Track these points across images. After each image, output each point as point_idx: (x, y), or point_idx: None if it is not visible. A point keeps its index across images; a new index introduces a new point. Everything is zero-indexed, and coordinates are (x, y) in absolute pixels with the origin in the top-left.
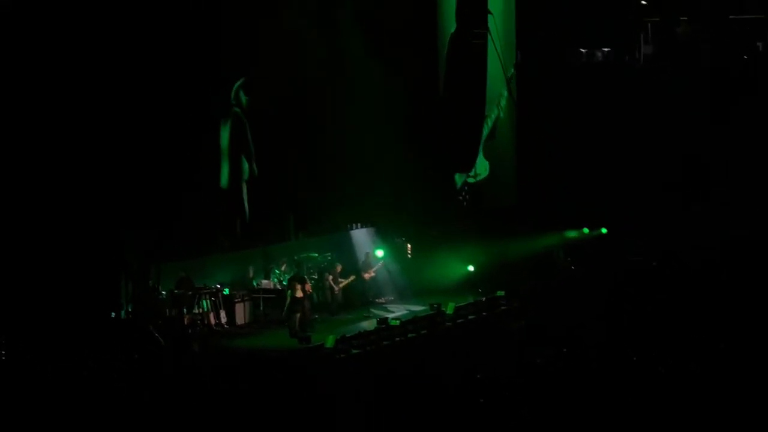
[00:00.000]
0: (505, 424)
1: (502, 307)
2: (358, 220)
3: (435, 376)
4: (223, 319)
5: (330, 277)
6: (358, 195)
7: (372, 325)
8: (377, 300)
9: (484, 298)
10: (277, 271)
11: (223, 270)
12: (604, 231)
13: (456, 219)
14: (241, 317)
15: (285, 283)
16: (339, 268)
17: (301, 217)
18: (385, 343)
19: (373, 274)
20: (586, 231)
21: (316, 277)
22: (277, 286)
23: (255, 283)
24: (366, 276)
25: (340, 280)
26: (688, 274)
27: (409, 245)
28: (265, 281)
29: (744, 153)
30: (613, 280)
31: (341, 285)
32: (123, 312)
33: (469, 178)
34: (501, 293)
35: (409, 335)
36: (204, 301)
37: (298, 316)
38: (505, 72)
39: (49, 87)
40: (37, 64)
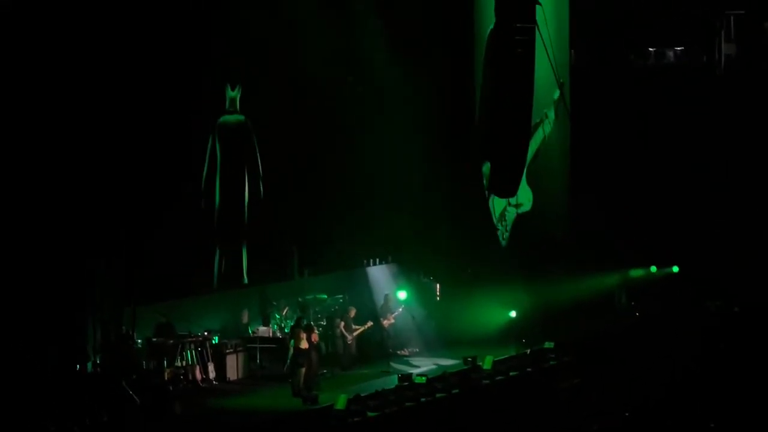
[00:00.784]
0: None
1: (551, 362)
2: (376, 254)
3: None
4: (212, 374)
5: (342, 323)
6: (376, 225)
7: (392, 382)
8: (399, 352)
9: (528, 351)
10: (277, 315)
11: (212, 314)
12: (676, 270)
13: (494, 255)
14: (233, 372)
15: (287, 330)
16: (352, 312)
17: (307, 251)
18: (408, 404)
19: (393, 320)
20: (654, 269)
21: (324, 323)
22: (278, 334)
23: (251, 331)
24: (385, 323)
25: (354, 328)
26: None
27: (437, 285)
28: (262, 328)
29: None
30: (687, 330)
31: (355, 333)
32: (90, 364)
33: (509, 208)
34: (549, 345)
35: (438, 395)
36: (188, 351)
37: (303, 370)
38: (557, 75)
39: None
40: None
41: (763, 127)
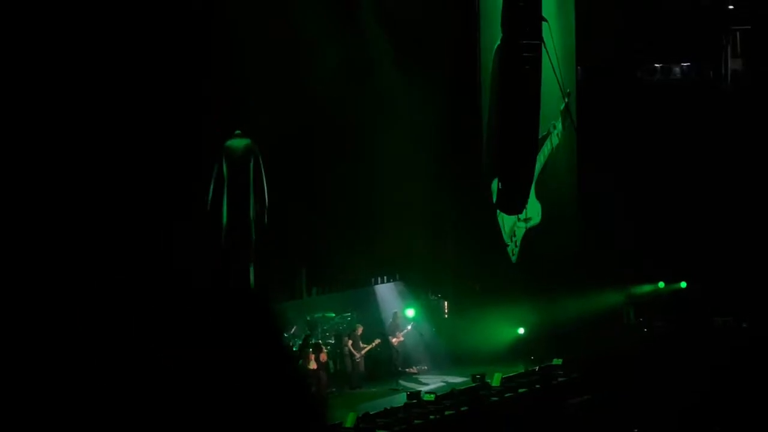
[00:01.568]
0: None
1: (560, 379)
2: (383, 272)
3: None
4: None
5: (350, 341)
6: (383, 243)
7: (401, 400)
8: (407, 370)
9: (537, 368)
10: (285, 335)
11: None
12: (684, 285)
13: (503, 271)
14: None
15: (295, 349)
16: (360, 330)
17: (315, 270)
18: (417, 422)
19: (401, 338)
20: (662, 285)
21: (332, 342)
22: None
23: None
24: (394, 340)
25: (362, 346)
26: None
27: (446, 303)
28: None
29: None
30: (696, 346)
31: (363, 351)
32: None
33: (519, 223)
34: (558, 361)
35: (447, 412)
36: None
37: (312, 390)
38: (563, 91)
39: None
40: None
41: None
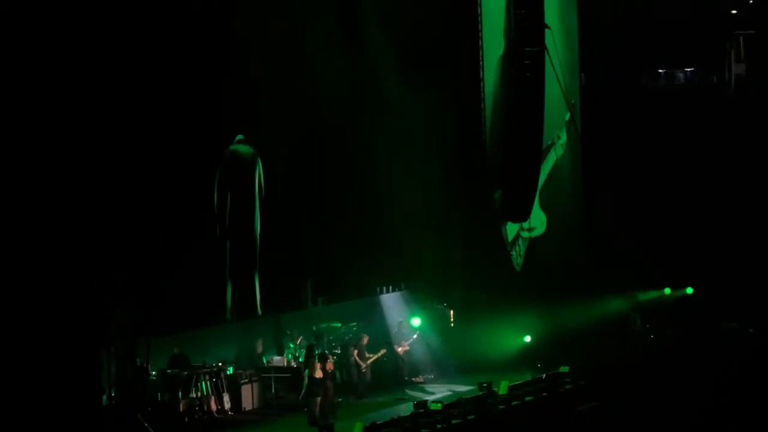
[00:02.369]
0: None
1: (567, 386)
2: (389, 282)
3: None
4: (227, 405)
5: (356, 351)
6: (388, 252)
7: (408, 409)
8: (414, 379)
9: (544, 375)
10: (291, 345)
11: (226, 345)
12: (690, 291)
13: (508, 280)
14: (248, 401)
15: (301, 359)
16: (366, 340)
17: (320, 280)
18: (424, 431)
19: (407, 347)
20: (668, 291)
21: (339, 351)
22: (292, 364)
23: (265, 361)
24: (400, 350)
25: (368, 356)
26: None
27: (451, 312)
28: (277, 358)
29: None
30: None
31: (370, 361)
32: (105, 397)
33: (523, 232)
34: (565, 369)
35: (454, 421)
36: (203, 382)
37: (319, 399)
38: (567, 99)
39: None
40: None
41: None
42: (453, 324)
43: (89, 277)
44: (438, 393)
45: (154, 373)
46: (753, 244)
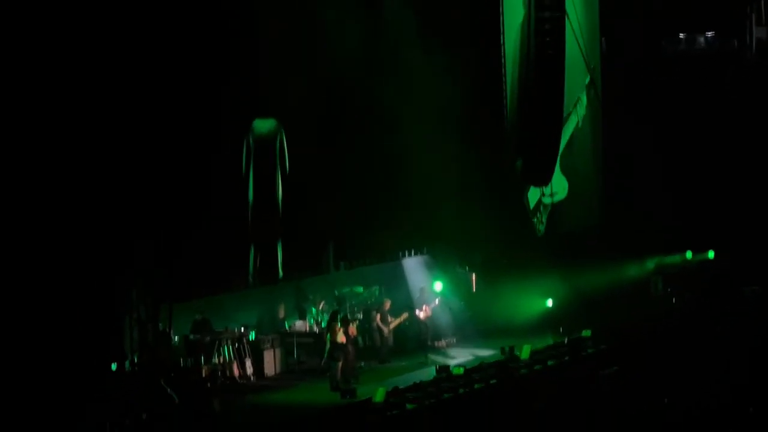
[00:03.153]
0: None
1: (589, 350)
2: (410, 246)
3: None
4: (249, 370)
5: (378, 316)
6: (410, 216)
7: (430, 374)
8: (436, 343)
9: (566, 340)
10: (313, 310)
11: (248, 310)
12: (711, 255)
13: (530, 244)
14: (270, 367)
15: (323, 324)
16: (388, 304)
17: (342, 245)
18: (446, 395)
19: (429, 312)
20: (689, 255)
21: (360, 316)
22: (314, 329)
23: (287, 326)
24: (421, 314)
25: (390, 320)
26: None
27: (473, 276)
28: (299, 323)
29: None
30: (723, 316)
31: (392, 326)
32: (128, 363)
33: (545, 198)
34: (587, 333)
35: (476, 386)
36: (225, 348)
37: (341, 364)
38: (588, 64)
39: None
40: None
41: None
42: (475, 288)
43: (111, 243)
44: (460, 357)
45: (177, 338)
46: None
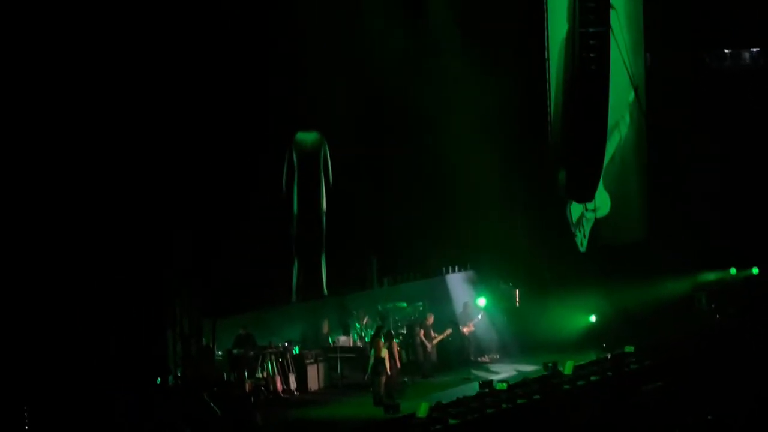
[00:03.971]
0: None
1: (632, 366)
2: (454, 262)
3: None
4: (293, 385)
5: (421, 331)
6: (454, 232)
7: (473, 389)
8: (479, 359)
9: (609, 355)
10: (357, 325)
11: (292, 325)
12: (756, 271)
13: (573, 260)
14: (314, 382)
15: (367, 339)
16: (431, 319)
17: (386, 260)
18: (489, 411)
19: (473, 327)
20: (733, 272)
21: (404, 331)
22: (358, 344)
23: (331, 341)
24: (465, 330)
25: (433, 335)
26: None
27: (517, 291)
28: (343, 338)
29: None
30: (767, 332)
31: (435, 341)
32: (171, 377)
33: (588, 213)
34: (630, 349)
35: (519, 401)
36: (269, 362)
37: (384, 379)
38: (632, 79)
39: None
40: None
41: None
42: (518, 304)
43: (156, 258)
44: (503, 373)
45: (220, 353)
46: None
